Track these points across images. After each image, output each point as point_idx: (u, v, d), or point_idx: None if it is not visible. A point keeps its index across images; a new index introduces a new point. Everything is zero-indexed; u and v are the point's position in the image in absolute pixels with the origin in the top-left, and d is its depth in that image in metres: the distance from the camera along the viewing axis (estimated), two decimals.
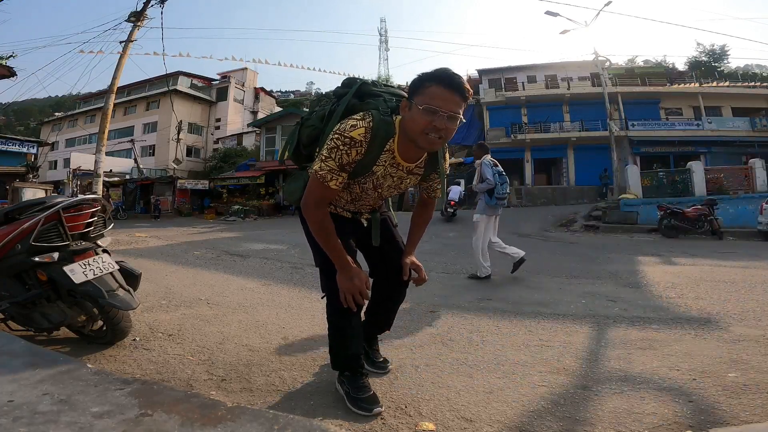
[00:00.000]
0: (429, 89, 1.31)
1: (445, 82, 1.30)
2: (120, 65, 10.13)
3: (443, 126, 1.30)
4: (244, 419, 0.94)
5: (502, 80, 23.75)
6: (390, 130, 1.39)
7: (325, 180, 1.37)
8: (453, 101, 1.30)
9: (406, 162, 1.46)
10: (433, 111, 1.28)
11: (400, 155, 1.44)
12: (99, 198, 2.31)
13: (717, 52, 27.40)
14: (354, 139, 1.34)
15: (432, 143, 1.34)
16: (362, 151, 1.36)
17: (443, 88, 1.30)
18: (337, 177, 1.38)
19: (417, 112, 1.30)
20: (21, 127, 44.57)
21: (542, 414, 1.48)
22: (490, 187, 4.21)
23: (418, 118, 1.31)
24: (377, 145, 1.38)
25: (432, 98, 1.29)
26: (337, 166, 1.36)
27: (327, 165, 1.36)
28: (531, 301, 3.26)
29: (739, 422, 1.40)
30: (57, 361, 1.29)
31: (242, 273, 4.72)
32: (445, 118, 1.29)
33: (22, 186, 12.88)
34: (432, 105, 1.28)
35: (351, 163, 1.38)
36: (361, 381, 1.56)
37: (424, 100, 1.29)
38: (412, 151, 1.43)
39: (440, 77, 1.31)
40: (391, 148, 1.42)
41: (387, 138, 1.39)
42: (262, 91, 34.87)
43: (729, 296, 3.29)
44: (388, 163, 1.44)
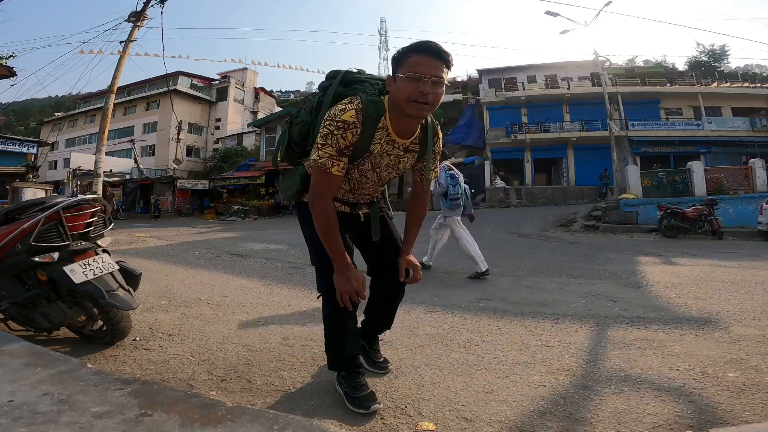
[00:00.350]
0: (410, 59, 1.34)
1: (425, 49, 1.34)
2: (120, 65, 10.13)
3: (429, 91, 1.32)
4: (244, 419, 0.94)
5: (502, 80, 23.76)
6: (380, 109, 1.41)
7: (326, 167, 1.37)
8: (435, 66, 1.33)
9: (401, 138, 1.47)
10: (417, 78, 1.31)
11: (394, 131, 1.44)
12: (99, 198, 2.31)
13: (717, 52, 27.39)
14: (347, 121, 1.35)
15: (420, 109, 1.35)
16: (357, 132, 1.37)
17: (424, 55, 1.33)
18: (338, 162, 1.38)
19: (402, 82, 1.33)
20: (21, 127, 44.56)
21: (542, 414, 1.48)
22: (444, 190, 4.50)
23: (403, 87, 1.33)
24: (369, 124, 1.39)
25: (414, 66, 1.32)
26: (336, 151, 1.36)
27: (325, 152, 1.37)
28: (531, 301, 3.26)
29: (739, 422, 1.40)
30: (57, 361, 1.29)
31: (242, 273, 4.72)
32: (430, 83, 1.31)
33: (22, 186, 12.87)
34: (415, 72, 1.31)
35: (349, 147, 1.38)
36: (358, 380, 1.57)
37: (408, 69, 1.32)
38: (405, 124, 1.44)
39: (419, 46, 1.35)
40: (384, 125, 1.43)
41: (378, 116, 1.40)
42: (262, 91, 34.87)
43: (729, 296, 3.29)
44: (384, 141, 1.44)
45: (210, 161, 28.11)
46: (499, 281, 4.14)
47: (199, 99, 31.09)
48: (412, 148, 1.52)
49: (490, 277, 4.22)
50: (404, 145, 1.49)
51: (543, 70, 24.10)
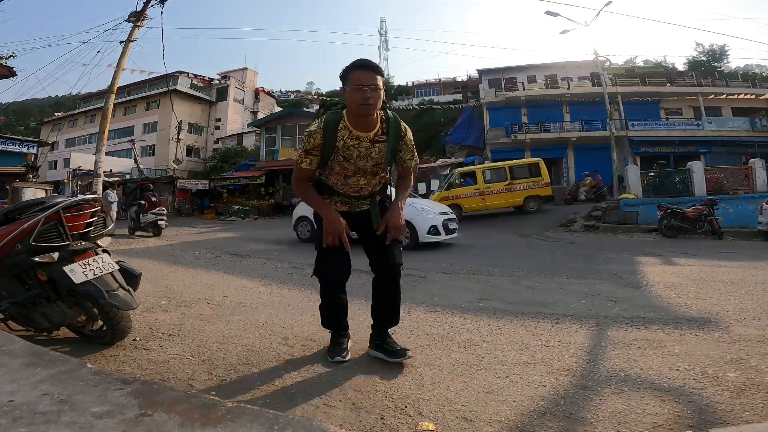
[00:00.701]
0: (351, 74, 1.79)
1: (360, 65, 1.80)
2: (120, 65, 10.13)
3: (369, 96, 1.75)
4: (244, 419, 0.94)
5: (502, 80, 23.74)
6: (338, 117, 1.87)
7: (298, 163, 1.91)
8: (370, 76, 1.78)
9: (364, 131, 1.87)
10: (359, 88, 1.75)
11: (354, 128, 1.85)
12: (99, 198, 2.31)
13: (717, 52, 27.37)
14: (312, 131, 1.86)
15: (366, 109, 1.78)
16: (319, 137, 1.84)
17: (360, 70, 1.79)
18: (306, 159, 1.87)
19: (350, 93, 1.78)
20: (21, 127, 44.49)
21: (542, 414, 1.48)
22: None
23: (351, 97, 1.78)
24: (330, 128, 1.84)
25: (356, 80, 1.77)
26: (304, 151, 1.87)
27: (299, 153, 1.91)
28: (531, 301, 3.26)
29: (739, 422, 1.40)
30: (57, 361, 1.29)
31: (242, 273, 4.72)
32: (369, 89, 1.75)
33: (22, 186, 12.87)
34: (357, 84, 1.76)
35: (315, 148, 1.86)
36: (338, 339, 2.03)
37: (351, 83, 1.78)
38: (361, 121, 1.85)
39: (357, 64, 1.81)
40: (344, 126, 1.86)
41: (336, 121, 1.85)
42: (262, 91, 34.86)
43: (729, 296, 3.29)
44: (347, 137, 1.85)
45: (210, 161, 28.09)
46: (499, 281, 4.14)
47: (199, 99, 31.07)
48: (378, 139, 1.90)
49: (490, 277, 4.23)
50: (369, 138, 1.88)
51: (543, 70, 24.08)
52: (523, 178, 12.22)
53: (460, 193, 12.28)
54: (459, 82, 35.35)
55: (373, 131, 1.88)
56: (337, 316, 2.04)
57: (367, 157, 1.90)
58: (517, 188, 12.02)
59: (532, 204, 12.10)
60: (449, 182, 12.79)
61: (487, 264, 5.20)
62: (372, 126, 1.88)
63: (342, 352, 1.98)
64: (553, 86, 22.86)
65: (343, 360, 1.94)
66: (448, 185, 12.64)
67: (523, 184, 12.13)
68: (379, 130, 1.90)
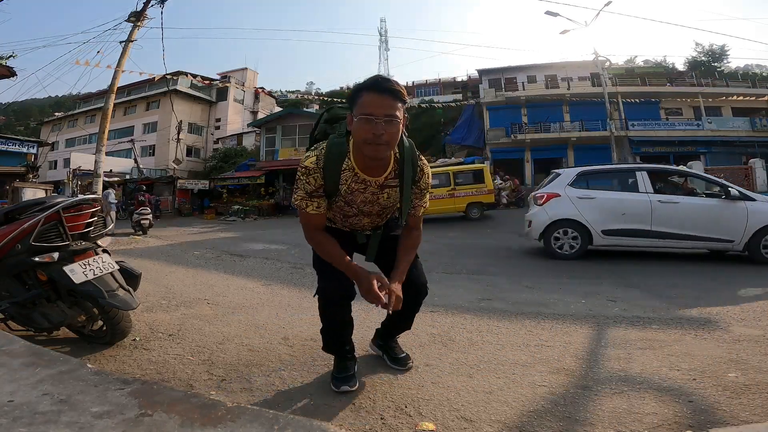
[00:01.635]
0: (362, 99, 1.34)
1: (375, 87, 1.34)
2: (120, 65, 10.13)
3: (382, 131, 1.31)
4: (244, 419, 0.94)
5: (502, 80, 23.75)
6: (343, 150, 1.44)
7: (302, 208, 1.49)
8: (386, 105, 1.33)
9: (372, 176, 1.48)
10: (368, 119, 1.31)
11: (362, 170, 1.46)
12: (99, 198, 2.31)
13: (717, 52, 27.38)
14: (308, 167, 1.44)
15: (376, 151, 1.36)
16: (319, 176, 1.44)
17: (374, 93, 1.33)
18: (311, 203, 1.47)
19: (357, 124, 1.35)
20: (21, 127, 44.52)
21: (542, 414, 1.48)
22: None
23: (358, 129, 1.35)
24: (332, 166, 1.43)
25: (366, 106, 1.32)
26: (305, 193, 1.47)
27: (298, 195, 1.49)
28: (531, 301, 3.26)
29: (739, 422, 1.40)
30: (57, 361, 1.29)
31: (242, 273, 4.72)
32: (382, 122, 1.31)
33: (22, 186, 12.86)
34: (367, 113, 1.32)
35: (317, 189, 1.46)
36: (343, 363, 1.71)
37: (360, 110, 1.33)
38: (370, 162, 1.44)
39: (369, 84, 1.35)
40: (350, 166, 1.45)
41: (341, 157, 1.44)
42: (262, 91, 34.85)
43: (729, 296, 3.28)
44: (351, 181, 1.47)
45: (210, 161, 28.10)
46: (499, 281, 4.14)
47: (199, 99, 31.07)
48: (389, 184, 1.51)
49: (490, 277, 4.23)
50: (378, 183, 1.50)
51: (543, 70, 24.09)
52: (467, 185, 11.89)
53: None
54: (459, 82, 35.36)
55: (383, 174, 1.49)
56: (341, 342, 1.72)
57: (374, 203, 1.56)
58: (460, 194, 11.65)
59: (475, 211, 11.80)
60: None
61: (487, 264, 5.20)
62: (382, 169, 1.48)
63: (349, 380, 1.66)
64: (553, 86, 22.88)
65: (351, 389, 1.64)
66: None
67: (465, 191, 11.77)
68: (391, 172, 1.50)
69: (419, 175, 1.55)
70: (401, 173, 1.50)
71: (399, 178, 1.51)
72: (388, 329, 1.92)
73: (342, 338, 1.71)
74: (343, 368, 1.70)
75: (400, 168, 1.50)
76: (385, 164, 1.48)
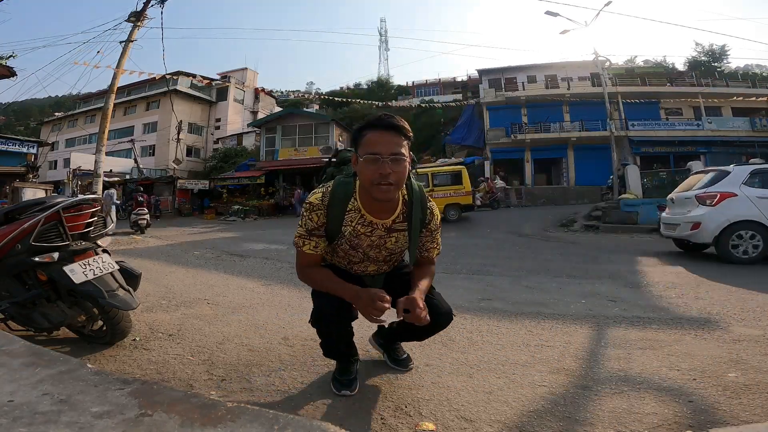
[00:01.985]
0: (366, 137, 1.32)
1: (378, 125, 1.31)
2: (120, 65, 10.13)
3: (389, 171, 1.28)
4: (244, 419, 0.94)
5: (502, 80, 23.76)
6: (348, 190, 1.42)
7: (298, 245, 1.46)
8: (392, 142, 1.30)
9: (379, 218, 1.44)
10: (374, 158, 1.28)
11: (368, 212, 1.43)
12: (99, 198, 2.31)
13: (716, 52, 27.39)
14: (312, 203, 1.41)
15: (385, 192, 1.31)
16: (322, 214, 1.41)
17: (378, 131, 1.31)
18: (309, 241, 1.44)
19: (362, 164, 1.32)
20: (21, 127, 44.51)
21: (542, 414, 1.48)
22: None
23: (364, 170, 1.31)
24: (337, 205, 1.41)
25: (371, 145, 1.29)
26: (306, 231, 1.43)
27: (298, 232, 1.46)
28: (531, 301, 3.26)
29: (739, 422, 1.40)
30: (57, 361, 1.29)
31: (242, 273, 4.72)
32: (389, 161, 1.28)
33: (22, 186, 12.86)
34: (372, 152, 1.28)
35: (318, 227, 1.43)
36: (345, 367, 1.66)
37: (365, 150, 1.30)
38: (377, 204, 1.40)
39: (372, 122, 1.33)
40: (355, 207, 1.42)
41: (346, 197, 1.41)
42: (262, 91, 34.85)
43: (729, 296, 3.28)
44: (356, 223, 1.43)
45: (210, 161, 28.11)
46: (499, 281, 4.14)
47: (199, 99, 31.07)
48: (397, 227, 1.47)
49: (490, 277, 4.23)
50: (386, 225, 1.45)
51: (543, 70, 24.09)
52: (445, 186, 11.95)
53: None
54: (459, 82, 35.40)
55: (391, 217, 1.45)
56: (342, 354, 1.66)
57: (381, 247, 1.50)
58: (437, 195, 11.53)
59: (453, 213, 11.73)
60: None
61: (487, 264, 5.20)
62: (390, 211, 1.44)
63: (350, 384, 1.62)
64: (553, 86, 22.88)
65: (351, 393, 1.60)
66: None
67: (443, 192, 11.78)
68: (399, 215, 1.45)
69: (429, 217, 1.50)
70: (410, 216, 1.46)
71: (408, 221, 1.47)
72: (396, 336, 1.85)
73: (341, 349, 1.64)
74: (344, 371, 1.66)
75: (409, 210, 1.46)
76: (393, 206, 1.43)
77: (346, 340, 1.63)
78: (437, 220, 1.55)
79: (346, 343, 1.64)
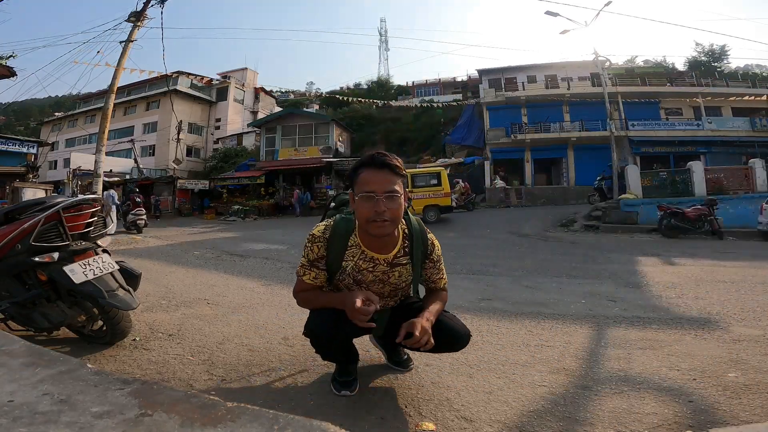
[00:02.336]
0: (361, 176, 1.36)
1: (372, 163, 1.36)
2: (120, 65, 10.13)
3: (384, 208, 1.32)
4: (244, 419, 0.94)
5: (502, 80, 23.74)
6: (349, 225, 1.46)
7: (299, 275, 1.50)
8: (386, 180, 1.34)
9: (380, 254, 1.47)
10: (369, 197, 1.33)
11: (368, 248, 1.46)
12: (99, 198, 2.31)
13: (717, 52, 27.39)
14: (315, 235, 1.46)
15: (380, 228, 1.35)
16: (323, 246, 1.45)
17: (372, 170, 1.35)
18: (309, 272, 1.48)
19: (359, 203, 1.36)
20: (21, 127, 44.51)
21: (542, 414, 1.48)
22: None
23: (360, 208, 1.36)
24: (338, 240, 1.45)
25: (366, 184, 1.34)
26: (307, 262, 1.48)
27: (301, 262, 1.50)
28: (531, 301, 3.26)
29: (739, 422, 1.40)
30: (57, 361, 1.28)
31: (242, 273, 4.72)
32: (383, 199, 1.32)
33: (22, 186, 12.88)
34: (366, 190, 1.33)
35: (319, 259, 1.47)
36: (345, 368, 1.66)
37: (360, 188, 1.35)
38: (376, 240, 1.44)
39: (366, 161, 1.38)
40: (356, 243, 1.46)
41: (347, 233, 1.46)
42: (262, 91, 34.84)
43: (729, 296, 3.28)
44: (357, 258, 1.46)
45: (210, 161, 28.11)
46: (499, 281, 4.14)
47: (199, 99, 31.07)
48: (398, 261, 1.49)
49: (490, 277, 4.23)
50: (387, 260, 1.48)
51: (543, 70, 24.07)
52: (424, 187, 12.10)
53: None
54: (459, 82, 35.42)
55: (392, 251, 1.47)
56: (339, 360, 1.66)
57: (385, 282, 1.51)
58: (417, 197, 11.83)
59: (432, 214, 11.88)
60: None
61: (487, 264, 5.20)
62: (391, 245, 1.47)
63: (350, 385, 1.62)
64: (553, 86, 22.86)
65: (351, 393, 1.60)
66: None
67: (423, 193, 11.98)
68: (400, 249, 1.49)
69: (431, 248, 1.54)
70: (411, 249, 1.50)
71: (410, 255, 1.50)
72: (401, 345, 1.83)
73: (338, 357, 1.64)
74: (344, 371, 1.67)
75: (410, 244, 1.50)
76: (393, 241, 1.47)
77: (343, 350, 1.60)
78: (438, 251, 1.58)
79: (343, 353, 1.62)
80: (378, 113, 28.64)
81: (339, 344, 1.54)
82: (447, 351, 1.58)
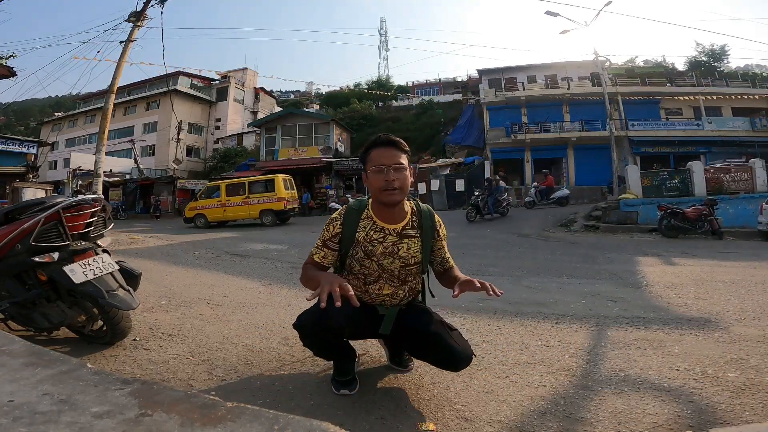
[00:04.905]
0: (371, 154, 1.59)
1: (379, 142, 1.59)
2: (120, 65, 10.13)
3: (393, 178, 1.53)
4: (244, 419, 0.94)
5: (502, 80, 23.74)
6: (362, 204, 1.67)
7: (312, 254, 1.65)
8: (393, 155, 1.56)
9: (390, 224, 1.62)
10: (379, 169, 1.54)
11: (379, 219, 1.63)
12: (99, 198, 2.30)
13: (717, 52, 27.37)
14: (333, 218, 1.66)
15: (391, 195, 1.54)
16: (339, 223, 1.63)
17: (381, 148, 1.57)
18: (320, 251, 1.63)
19: (371, 176, 1.57)
20: (21, 127, 44.51)
21: (542, 414, 1.48)
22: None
23: (373, 180, 1.57)
24: (352, 216, 1.63)
25: (376, 159, 1.56)
26: (321, 242, 1.64)
27: (316, 244, 1.66)
28: (531, 301, 3.26)
29: (739, 422, 1.40)
30: (57, 361, 1.28)
31: (242, 273, 4.72)
32: (392, 170, 1.53)
33: (22, 186, 12.87)
34: (377, 164, 1.55)
35: (332, 238, 1.63)
36: (342, 367, 1.70)
37: (372, 164, 1.57)
38: (387, 211, 1.61)
39: (375, 141, 1.60)
40: (368, 215, 1.64)
41: (360, 209, 1.65)
42: (261, 91, 34.85)
43: (729, 296, 3.28)
44: (369, 228, 1.62)
45: (210, 161, 28.11)
46: (499, 281, 4.14)
47: (199, 99, 31.07)
48: (407, 233, 1.63)
49: (490, 277, 4.22)
50: (396, 231, 1.62)
51: (543, 70, 24.07)
52: (259, 193, 12.93)
53: (206, 204, 13.39)
54: (459, 82, 35.43)
55: (401, 223, 1.62)
56: (330, 358, 1.71)
57: (394, 255, 1.60)
58: (253, 202, 12.81)
59: (268, 218, 12.69)
60: (198, 194, 14.19)
61: (487, 264, 5.20)
62: (400, 217, 1.62)
63: (349, 384, 1.65)
64: (553, 86, 22.86)
65: (351, 393, 1.63)
66: (197, 197, 14.03)
67: (258, 198, 12.86)
68: (408, 222, 1.63)
69: (438, 225, 1.71)
70: (420, 224, 1.65)
71: (419, 229, 1.65)
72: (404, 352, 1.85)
73: (326, 356, 1.69)
74: (342, 371, 1.68)
75: (419, 219, 1.66)
76: (402, 213, 1.63)
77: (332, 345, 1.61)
78: (444, 230, 1.75)
79: (333, 349, 1.64)
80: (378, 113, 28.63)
81: (324, 337, 1.53)
82: (447, 369, 1.60)
